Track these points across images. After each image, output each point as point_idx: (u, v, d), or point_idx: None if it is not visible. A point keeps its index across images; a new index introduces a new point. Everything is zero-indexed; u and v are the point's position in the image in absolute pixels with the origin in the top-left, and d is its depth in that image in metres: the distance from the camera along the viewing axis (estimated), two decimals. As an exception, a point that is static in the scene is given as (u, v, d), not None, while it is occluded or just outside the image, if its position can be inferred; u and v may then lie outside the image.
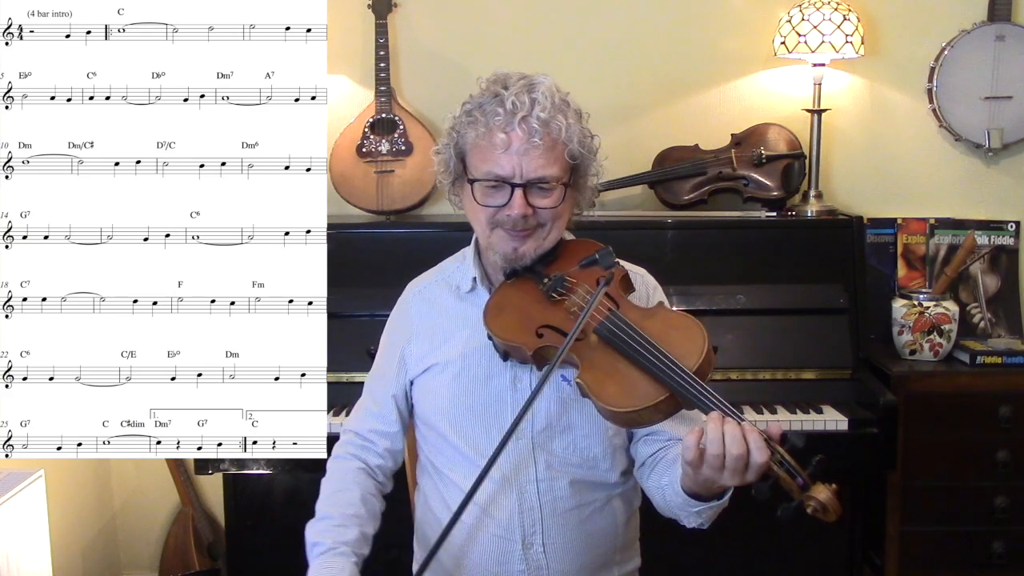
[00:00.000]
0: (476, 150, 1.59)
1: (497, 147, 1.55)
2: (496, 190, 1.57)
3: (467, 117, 1.59)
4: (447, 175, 1.66)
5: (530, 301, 1.60)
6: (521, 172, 1.55)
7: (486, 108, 1.56)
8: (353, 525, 1.60)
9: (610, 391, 1.46)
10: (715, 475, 1.37)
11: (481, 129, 1.56)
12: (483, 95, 1.59)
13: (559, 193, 1.58)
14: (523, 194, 1.56)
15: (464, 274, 1.72)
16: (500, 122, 1.54)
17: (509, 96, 1.54)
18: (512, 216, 1.57)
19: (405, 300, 1.78)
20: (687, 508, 1.50)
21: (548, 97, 1.55)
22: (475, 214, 1.63)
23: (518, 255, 1.61)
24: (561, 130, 1.55)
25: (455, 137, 1.62)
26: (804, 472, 1.34)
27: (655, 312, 1.58)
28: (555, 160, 1.56)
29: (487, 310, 1.62)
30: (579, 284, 1.59)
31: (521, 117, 1.53)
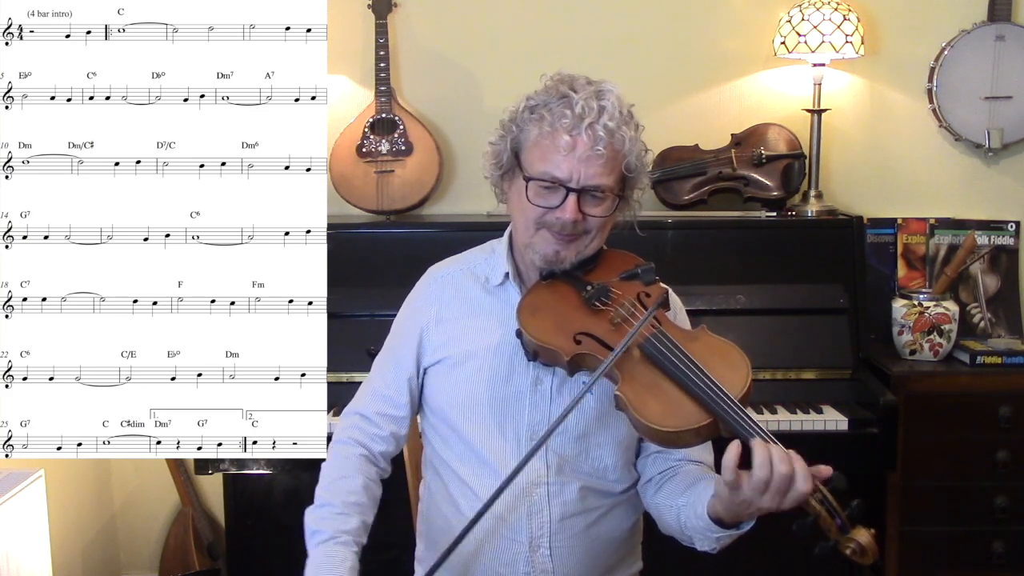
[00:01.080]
0: (536, 148, 1.57)
1: (560, 149, 1.53)
2: (550, 191, 1.56)
3: (531, 114, 1.57)
4: (497, 168, 1.64)
5: (569, 306, 1.59)
6: (579, 178, 1.54)
7: (553, 108, 1.54)
8: (354, 514, 1.59)
9: (652, 408, 1.44)
10: (755, 496, 1.36)
11: (546, 128, 1.55)
12: (549, 93, 1.57)
13: (611, 203, 1.58)
14: (576, 199, 1.54)
15: (494, 267, 1.70)
16: (567, 124, 1.53)
17: (579, 100, 1.53)
18: (562, 219, 1.55)
19: (428, 283, 1.74)
20: (707, 532, 1.50)
21: (616, 106, 1.55)
22: (522, 211, 1.61)
23: (559, 258, 1.60)
24: (624, 141, 1.55)
25: (514, 131, 1.60)
26: (843, 513, 1.35)
27: (698, 335, 1.57)
28: (613, 170, 1.56)
29: (522, 308, 1.60)
30: (624, 296, 1.58)
31: (589, 123, 1.52)
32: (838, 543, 1.35)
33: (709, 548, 1.53)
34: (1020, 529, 2.71)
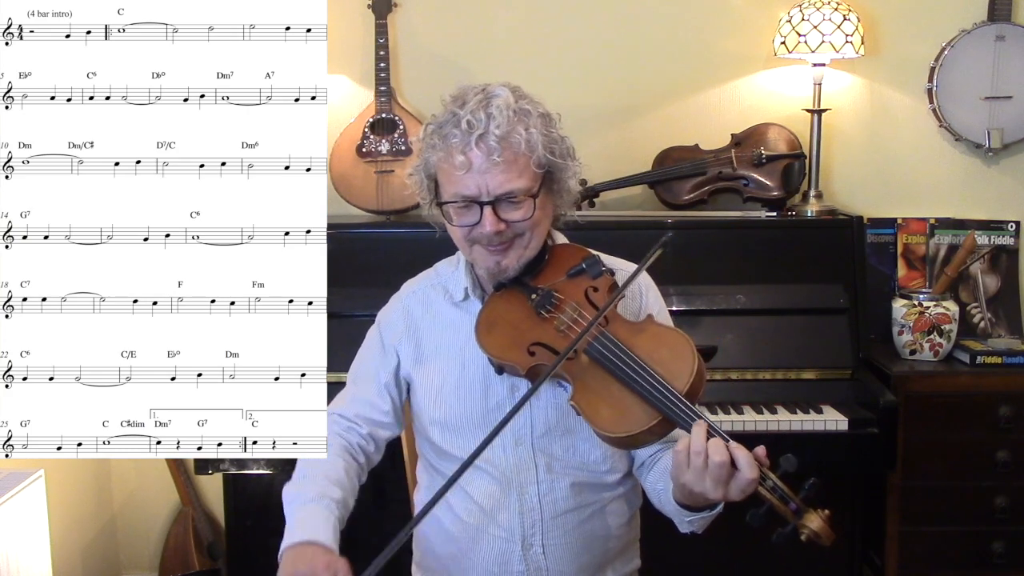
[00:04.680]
0: (441, 173, 1.57)
1: (458, 168, 1.52)
2: (467, 209, 1.56)
3: (429, 140, 1.57)
4: (425, 196, 1.65)
5: (520, 316, 1.59)
6: (487, 190, 1.52)
7: (444, 130, 1.53)
8: (336, 488, 1.58)
9: (603, 415, 1.46)
10: (698, 482, 1.37)
11: (441, 153, 1.55)
12: (443, 115, 1.56)
13: (529, 204, 1.55)
14: (493, 210, 1.53)
15: (456, 282, 1.71)
16: (458, 143, 1.51)
17: (464, 115, 1.51)
18: (485, 233, 1.55)
19: (400, 299, 1.77)
20: (679, 516, 1.52)
21: (504, 110, 1.51)
22: (453, 233, 1.62)
23: (501, 268, 1.60)
24: (521, 143, 1.52)
25: (423, 160, 1.60)
26: (797, 497, 1.34)
27: (645, 327, 1.56)
28: (520, 173, 1.53)
29: (479, 326, 1.61)
30: (567, 301, 1.58)
31: (478, 136, 1.50)
32: (796, 528, 1.35)
33: (689, 531, 1.54)
34: (1020, 529, 2.71)
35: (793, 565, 2.74)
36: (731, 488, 1.36)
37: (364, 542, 2.71)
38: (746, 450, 1.36)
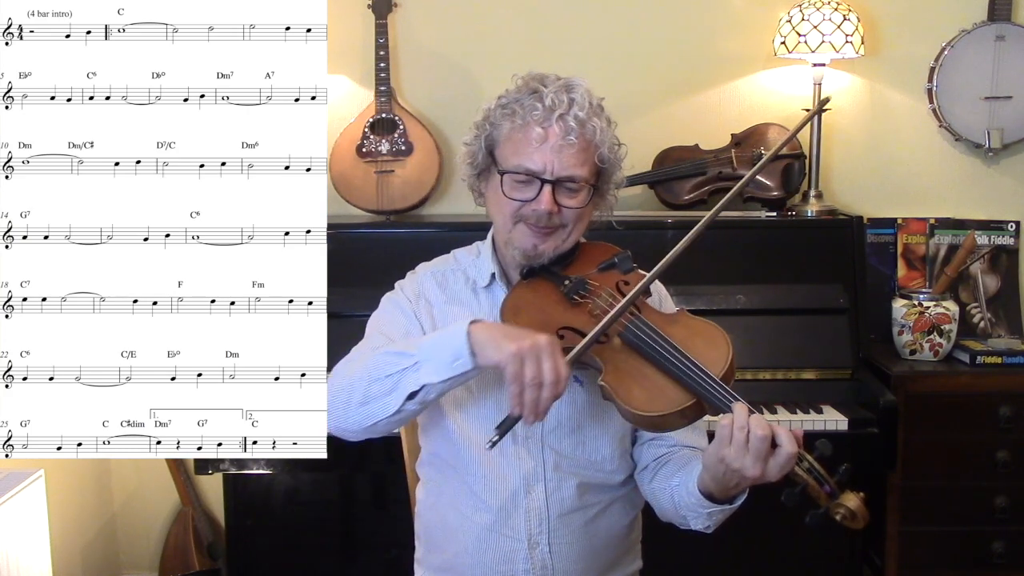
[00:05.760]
0: (509, 143, 1.59)
1: (532, 141, 1.56)
2: (525, 184, 1.58)
3: (503, 110, 1.60)
4: (473, 168, 1.67)
5: (549, 303, 1.60)
6: (553, 168, 1.56)
7: (524, 103, 1.57)
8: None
9: (636, 395, 1.46)
10: (738, 457, 1.37)
11: (518, 122, 1.58)
12: (520, 91, 1.60)
13: (586, 194, 1.60)
14: (551, 191, 1.56)
15: (480, 269, 1.71)
16: (538, 116, 1.56)
17: (548, 93, 1.56)
18: (538, 211, 1.57)
19: (415, 276, 1.75)
20: (699, 508, 1.51)
21: (586, 98, 1.58)
22: (499, 207, 1.62)
23: (537, 252, 1.61)
24: (596, 132, 1.57)
25: (487, 129, 1.63)
26: (832, 480, 1.35)
27: (678, 318, 1.59)
28: (586, 161, 1.58)
29: (504, 311, 1.61)
30: (601, 287, 1.60)
31: (559, 114, 1.55)
32: (828, 510, 1.36)
33: (703, 526, 1.55)
34: (1020, 529, 2.71)
35: (793, 565, 2.75)
36: (770, 464, 1.37)
37: (364, 542, 2.72)
38: (786, 429, 1.38)
